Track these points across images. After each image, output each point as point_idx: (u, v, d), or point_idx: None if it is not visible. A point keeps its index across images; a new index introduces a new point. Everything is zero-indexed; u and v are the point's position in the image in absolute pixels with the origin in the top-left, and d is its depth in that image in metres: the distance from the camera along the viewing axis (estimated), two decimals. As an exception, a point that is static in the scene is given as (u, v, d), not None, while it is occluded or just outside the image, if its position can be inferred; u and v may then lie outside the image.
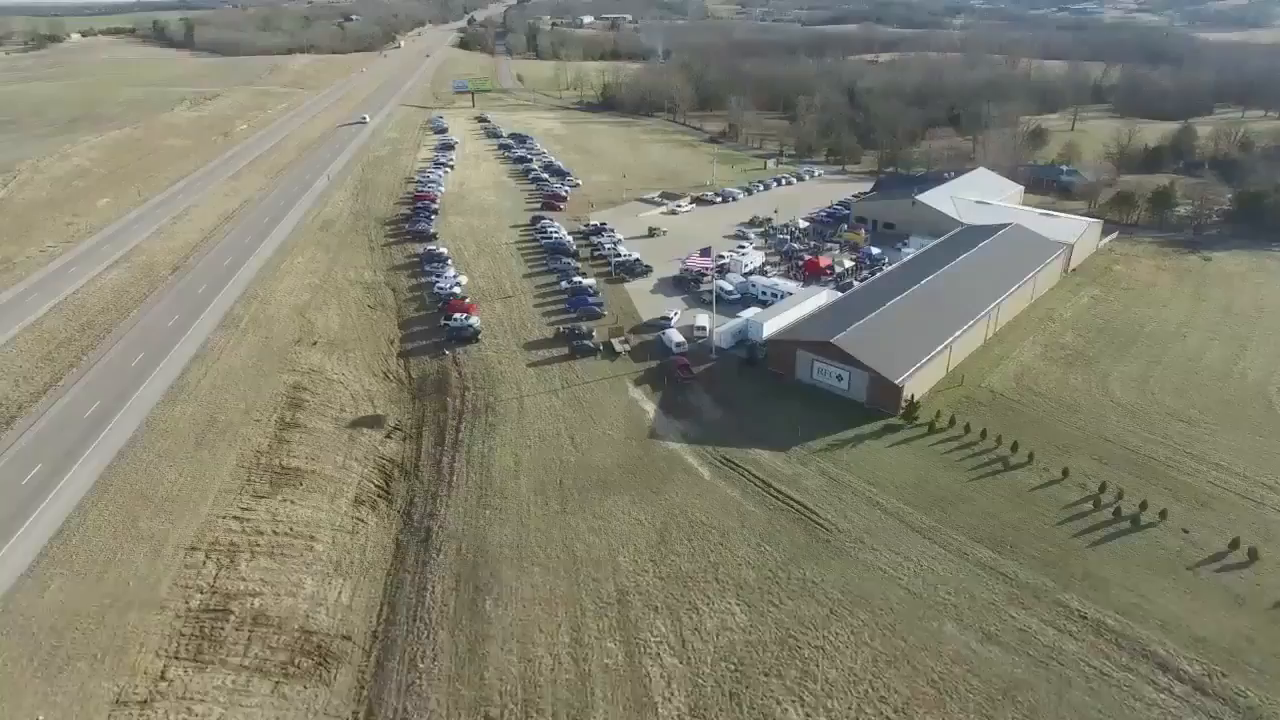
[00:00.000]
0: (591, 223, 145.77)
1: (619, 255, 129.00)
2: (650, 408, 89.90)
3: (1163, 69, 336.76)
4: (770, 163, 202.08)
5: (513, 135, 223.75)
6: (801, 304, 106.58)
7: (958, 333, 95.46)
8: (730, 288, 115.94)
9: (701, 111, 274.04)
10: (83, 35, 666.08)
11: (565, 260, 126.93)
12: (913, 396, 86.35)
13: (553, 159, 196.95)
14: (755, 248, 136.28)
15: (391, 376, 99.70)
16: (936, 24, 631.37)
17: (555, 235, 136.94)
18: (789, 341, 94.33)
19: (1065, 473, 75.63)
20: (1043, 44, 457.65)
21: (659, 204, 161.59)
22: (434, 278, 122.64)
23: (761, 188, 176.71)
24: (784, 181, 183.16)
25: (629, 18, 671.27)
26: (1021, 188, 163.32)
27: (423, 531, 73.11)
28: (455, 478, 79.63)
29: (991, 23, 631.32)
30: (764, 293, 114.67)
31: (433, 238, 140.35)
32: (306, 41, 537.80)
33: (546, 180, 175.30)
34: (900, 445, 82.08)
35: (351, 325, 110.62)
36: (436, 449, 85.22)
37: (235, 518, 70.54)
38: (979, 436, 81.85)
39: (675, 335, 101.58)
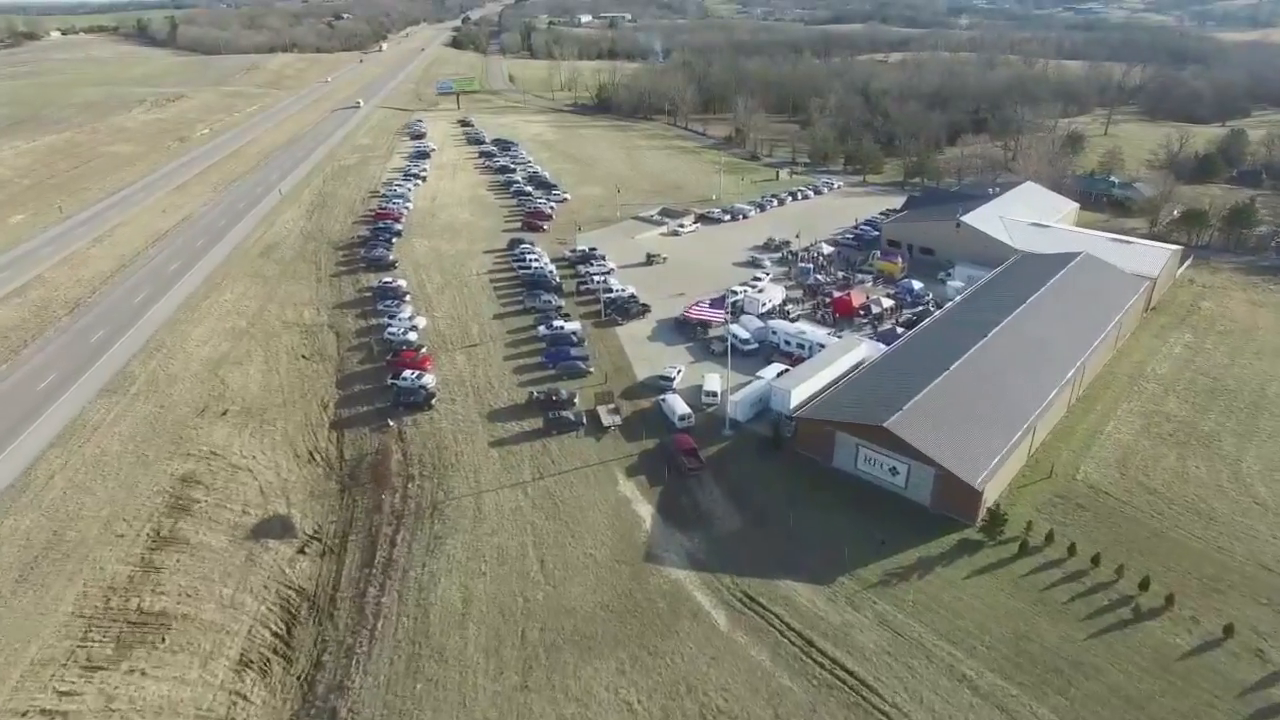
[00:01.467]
0: (578, 248, 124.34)
1: (610, 290, 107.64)
2: (646, 511, 68.53)
3: (1190, 70, 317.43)
4: (782, 173, 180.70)
5: (496, 141, 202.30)
6: (837, 361, 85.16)
7: (1042, 406, 74.20)
8: (746, 335, 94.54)
9: (704, 114, 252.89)
10: (63, 33, 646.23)
11: (545, 297, 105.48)
12: (997, 505, 64.90)
13: (538, 169, 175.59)
14: (772, 280, 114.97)
15: (318, 457, 78.24)
16: (942, 24, 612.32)
17: (535, 265, 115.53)
18: (827, 422, 72.83)
19: (1228, 631, 54.20)
20: (1055, 44, 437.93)
21: (658, 223, 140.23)
22: (387, 319, 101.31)
23: (775, 203, 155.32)
24: (799, 195, 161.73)
25: (628, 17, 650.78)
26: (1076, 205, 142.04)
27: (326, 717, 51.76)
28: (382, 623, 58.27)
29: (999, 23, 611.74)
30: (787, 342, 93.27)
31: (391, 266, 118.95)
32: (293, 40, 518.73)
33: (530, 195, 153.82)
34: (983, 574, 60.70)
35: (277, 384, 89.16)
36: (363, 573, 63.86)
37: (44, 712, 49.06)
38: (1090, 563, 60.55)
39: (678, 405, 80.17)
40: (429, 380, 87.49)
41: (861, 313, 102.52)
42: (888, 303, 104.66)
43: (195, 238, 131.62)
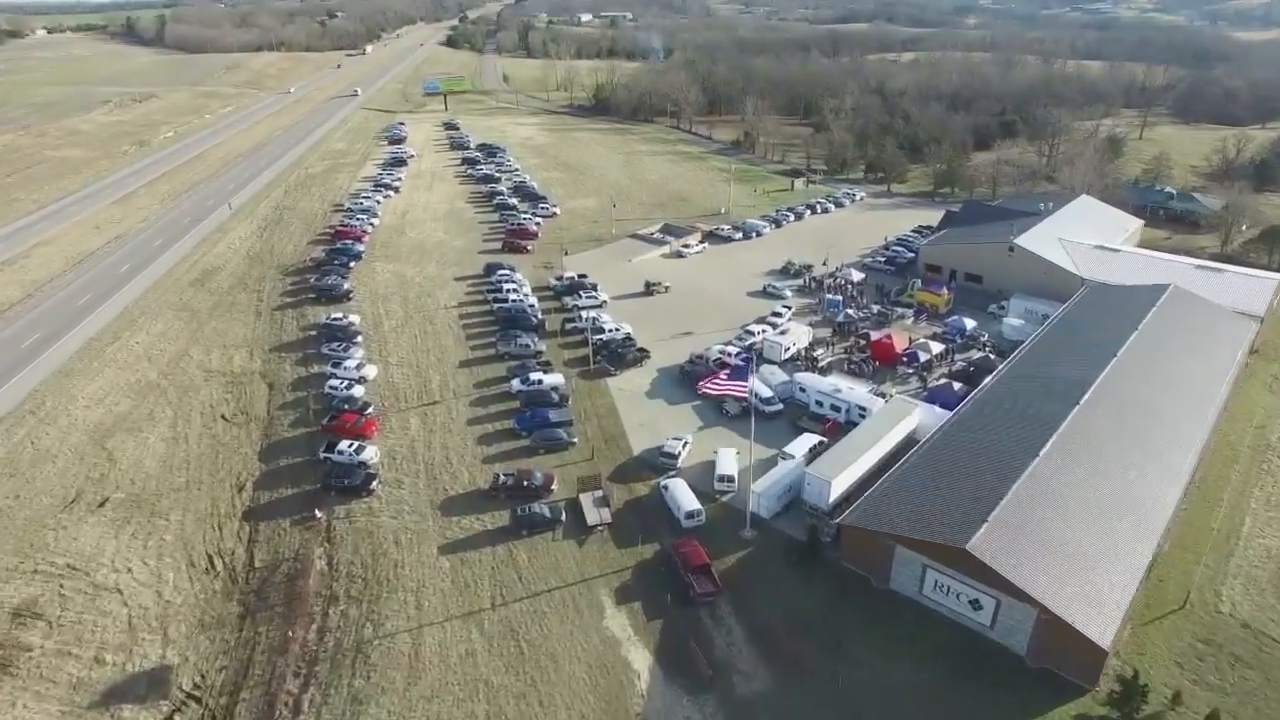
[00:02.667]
0: (565, 274, 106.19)
1: (602, 331, 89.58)
2: (641, 660, 50.59)
3: (1220, 70, 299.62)
4: (798, 182, 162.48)
5: (482, 147, 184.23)
6: (885, 434, 67.12)
7: (1171, 513, 56.17)
8: (768, 392, 76.41)
9: (709, 116, 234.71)
10: (49, 31, 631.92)
11: (523, 340, 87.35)
12: (1134, 673, 46.69)
13: (526, 178, 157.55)
14: (794, 315, 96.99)
15: (220, 565, 60.25)
16: (949, 23, 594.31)
17: (513, 297, 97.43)
18: (883, 534, 54.69)
19: None
20: (1069, 44, 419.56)
21: (659, 243, 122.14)
22: (330, 367, 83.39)
23: (791, 217, 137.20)
24: (818, 208, 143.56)
25: (629, 16, 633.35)
26: (1140, 222, 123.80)
27: None
28: None
29: (1010, 22, 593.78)
30: (819, 403, 75.26)
31: (345, 298, 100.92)
32: (280, 40, 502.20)
33: (514, 209, 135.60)
34: (1121, 779, 42.63)
35: (183, 458, 71.19)
36: (248, 758, 45.89)
37: None
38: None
39: (685, 497, 62.17)
40: (370, 455, 69.55)
41: (905, 360, 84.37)
42: (936, 347, 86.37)
43: (122, 261, 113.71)
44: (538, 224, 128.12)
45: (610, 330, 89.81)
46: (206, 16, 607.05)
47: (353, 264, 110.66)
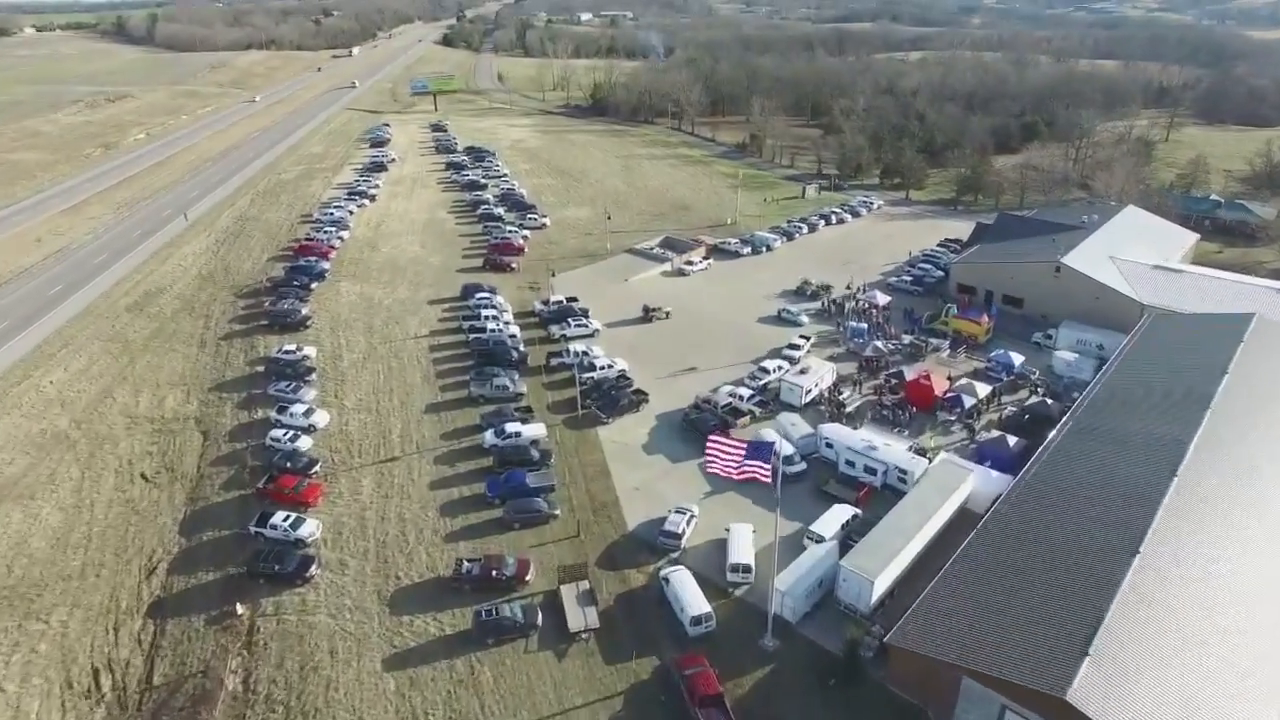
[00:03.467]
0: (553, 298, 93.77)
1: (593, 368, 77.33)
2: (636, 842, 38.29)
3: (1241, 68, 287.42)
4: (809, 189, 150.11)
5: (470, 150, 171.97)
6: (937, 509, 54.85)
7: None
8: (790, 449, 64.01)
9: (712, 117, 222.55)
10: (38, 30, 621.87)
11: (500, 381, 75.07)
12: None
13: (515, 185, 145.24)
14: (814, 345, 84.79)
15: (110, 685, 48.00)
16: (955, 22, 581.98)
17: (492, 328, 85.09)
18: (945, 663, 42.38)
19: None
20: (1077, 42, 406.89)
21: (659, 259, 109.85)
22: (274, 413, 71.26)
23: (804, 229, 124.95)
24: (833, 218, 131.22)
25: (629, 15, 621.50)
26: (1195, 237, 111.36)
27: None
28: None
29: (1015, 21, 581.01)
30: (851, 463, 63.00)
31: (303, 325, 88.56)
32: (270, 38, 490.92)
33: (499, 221, 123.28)
34: None
35: (83, 533, 58.98)
36: None
37: None
38: None
39: (691, 596, 49.92)
40: (310, 531, 57.33)
41: (947, 405, 72.08)
42: (982, 389, 74.04)
43: (56, 280, 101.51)
44: (525, 238, 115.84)
45: (602, 367, 77.54)
46: (198, 15, 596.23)
47: (315, 285, 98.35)
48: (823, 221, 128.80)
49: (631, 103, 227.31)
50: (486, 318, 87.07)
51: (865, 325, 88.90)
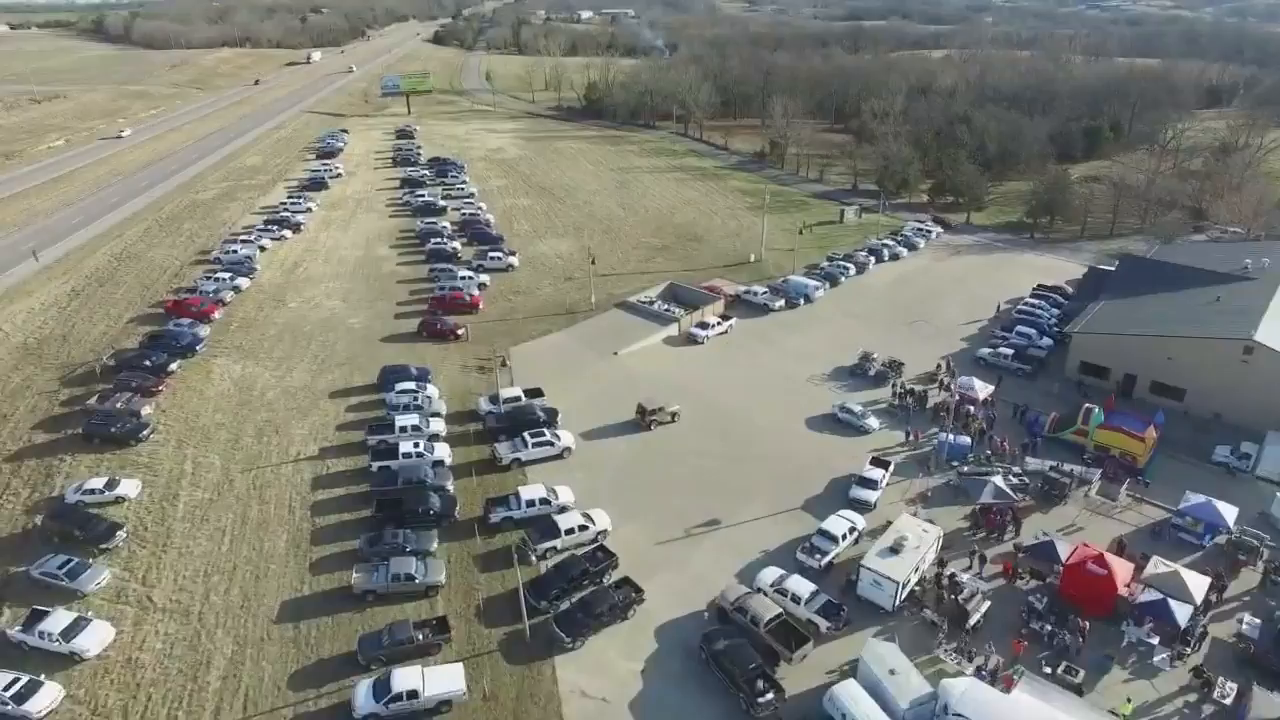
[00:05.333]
0: (506, 395, 64.16)
1: (554, 531, 48.50)
2: None
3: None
4: (849, 211, 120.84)
5: (434, 162, 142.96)
6: None
7: None
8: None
9: (723, 121, 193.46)
10: (12, 27, 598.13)
11: (404, 565, 46.06)
12: None
13: (481, 207, 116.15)
14: (893, 471, 55.95)
15: None
16: (966, 19, 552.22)
17: (409, 451, 55.86)
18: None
19: None
20: (1105, 41, 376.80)
21: (661, 317, 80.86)
22: (17, 629, 42.60)
23: (851, 269, 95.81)
24: (885, 252, 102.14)
25: (631, 13, 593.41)
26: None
27: None
28: None
29: (1034, 18, 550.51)
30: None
31: (136, 438, 59.43)
32: (247, 35, 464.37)
33: (451, 260, 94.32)
34: None
35: None
36: None
37: None
38: None
39: None
40: None
41: (1141, 617, 42.90)
42: (1197, 583, 44.59)
43: None
44: (482, 287, 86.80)
45: (569, 531, 48.64)
46: (179, 12, 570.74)
47: (175, 366, 69.39)
48: (873, 259, 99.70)
49: (630, 104, 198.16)
50: (404, 431, 58.07)
51: (967, 438, 59.94)
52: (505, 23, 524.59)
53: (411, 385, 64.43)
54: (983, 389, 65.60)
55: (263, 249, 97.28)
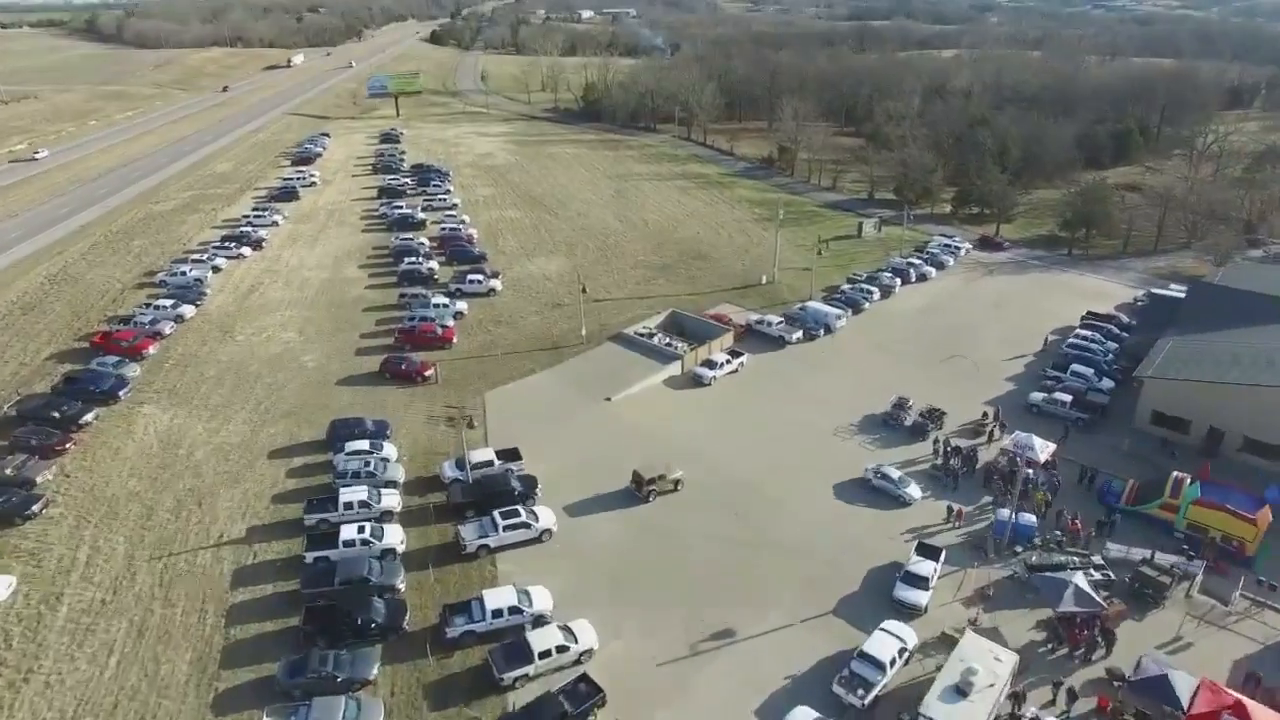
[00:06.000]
0: (475, 458, 53.51)
1: (524, 652, 38.08)
2: None
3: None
4: (868, 225, 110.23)
5: (417, 169, 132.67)
6: None
7: None
8: None
9: (728, 124, 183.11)
10: (4, 27, 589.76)
11: (340, 704, 35.66)
12: None
13: (464, 221, 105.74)
14: (945, 559, 45.53)
15: None
16: (971, 19, 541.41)
17: (350, 540, 45.45)
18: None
19: None
20: (1116, 40, 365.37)
21: (661, 353, 70.41)
22: None
23: (875, 293, 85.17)
24: (911, 273, 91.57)
25: (632, 12, 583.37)
26: None
27: None
28: None
29: (1039, 18, 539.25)
30: None
31: (23, 514, 48.90)
32: (247, 34, 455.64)
33: (425, 282, 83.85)
34: None
35: None
36: None
37: None
38: None
39: None
40: None
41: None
42: (1360, 737, 34.23)
43: None
44: (458, 316, 76.44)
45: (544, 654, 38.20)
46: (174, 11, 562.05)
47: (91, 415, 59.02)
48: (898, 280, 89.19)
49: (630, 106, 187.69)
50: (349, 508, 47.71)
51: (1032, 517, 49.51)
52: (504, 22, 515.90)
53: (364, 445, 54.07)
54: (1043, 448, 55.04)
55: (216, 270, 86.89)
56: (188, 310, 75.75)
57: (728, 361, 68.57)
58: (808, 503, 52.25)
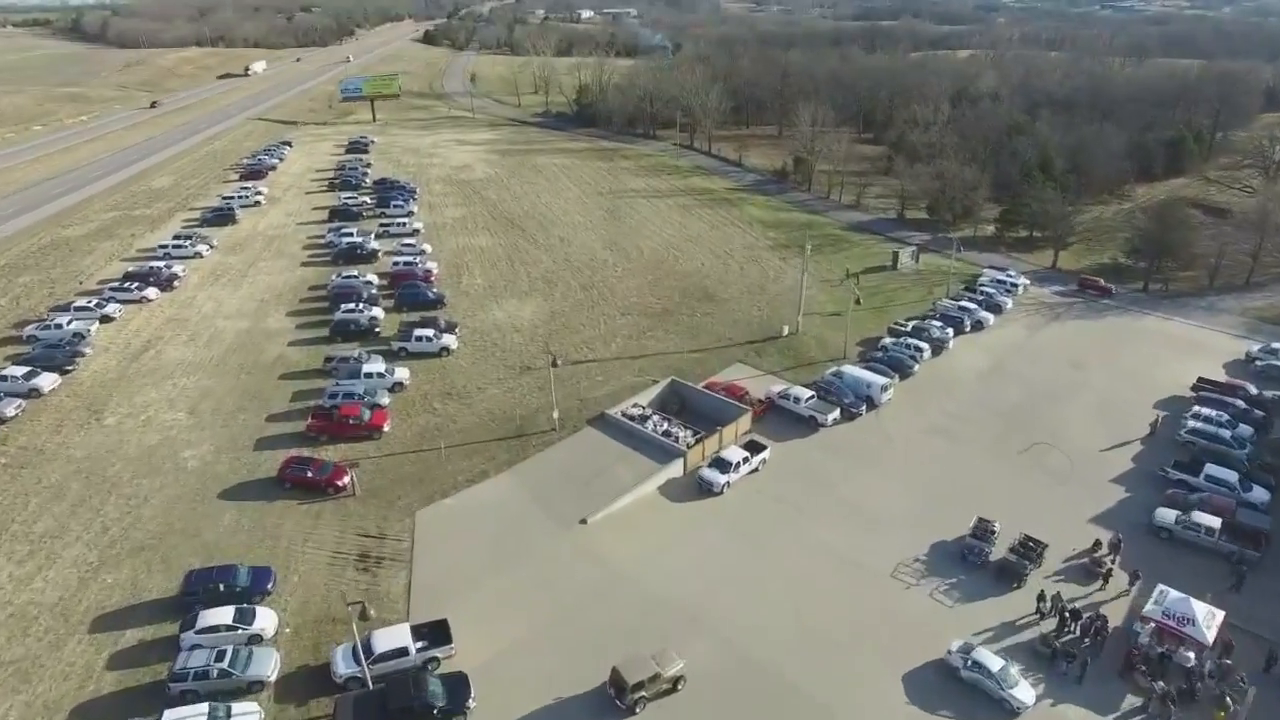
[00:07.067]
0: (383, 641, 36.52)
1: None
2: None
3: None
4: (904, 255, 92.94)
5: (380, 184, 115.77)
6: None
7: None
8: None
9: (735, 130, 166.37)
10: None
11: None
12: None
13: (424, 250, 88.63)
14: None
15: None
16: (979, 20, 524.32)
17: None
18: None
19: None
20: (1135, 41, 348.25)
21: (658, 447, 53.39)
22: None
23: (924, 350, 67.83)
24: (965, 321, 74.50)
25: (632, 12, 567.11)
26: None
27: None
28: None
29: (1046, 18, 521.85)
30: None
31: None
32: (230, 33, 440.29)
33: (356, 351, 66.25)
34: None
35: None
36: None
37: None
38: None
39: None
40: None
41: None
42: None
43: None
44: (395, 389, 59.52)
45: None
46: (161, 11, 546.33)
47: None
48: (949, 331, 72.15)
49: (627, 110, 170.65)
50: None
51: (1220, 754, 32.53)
52: (502, 23, 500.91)
53: (228, 615, 37.26)
54: (1208, 618, 38.10)
55: (106, 320, 70.05)
56: (46, 381, 58.77)
57: (745, 461, 51.55)
58: (868, 710, 35.38)
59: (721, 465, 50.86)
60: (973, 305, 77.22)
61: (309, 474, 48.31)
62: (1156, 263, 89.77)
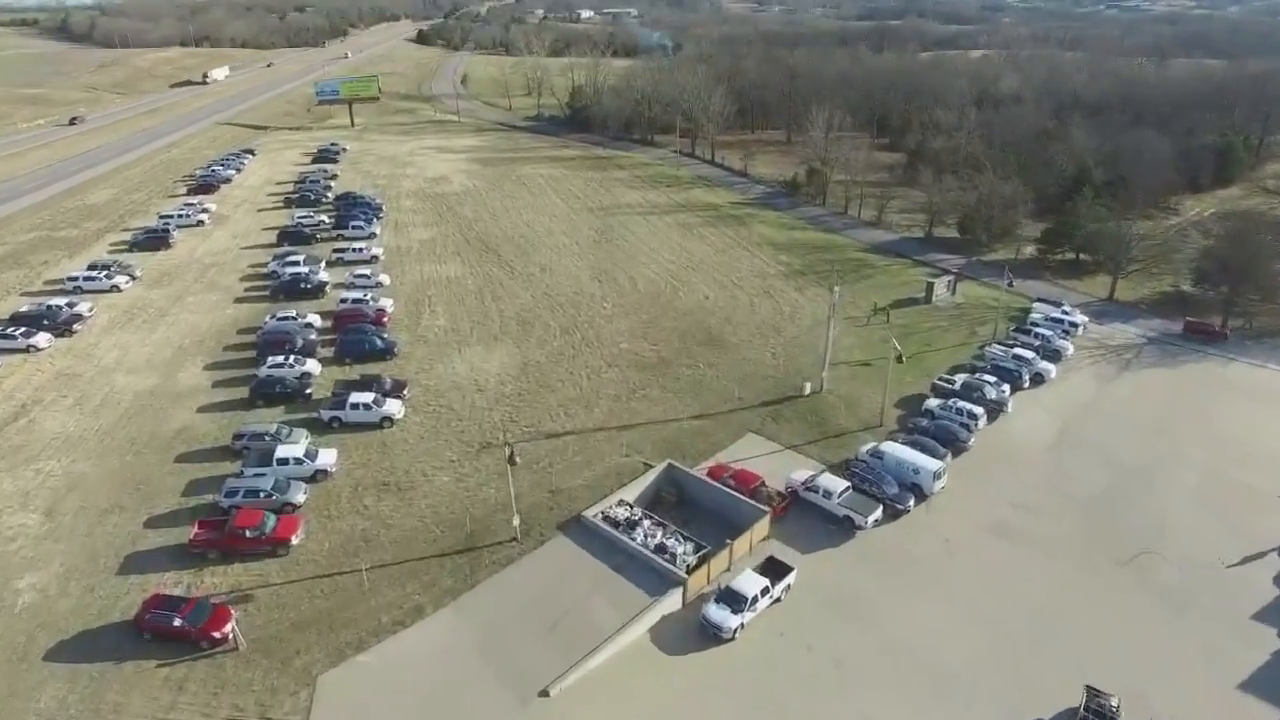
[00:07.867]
0: None
1: None
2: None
3: None
4: (940, 287, 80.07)
5: (342, 200, 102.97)
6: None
7: None
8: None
9: (741, 135, 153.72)
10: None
11: None
12: None
13: (378, 285, 76.04)
14: None
15: None
16: (985, 20, 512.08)
17: None
18: None
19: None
20: (1148, 41, 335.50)
21: (648, 567, 40.63)
22: None
23: (980, 416, 55.03)
24: (1024, 375, 61.65)
25: (633, 11, 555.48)
26: None
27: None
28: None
29: (1051, 18, 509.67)
30: None
31: None
32: (217, 34, 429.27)
33: (274, 428, 53.33)
34: None
35: None
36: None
37: None
38: None
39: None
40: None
41: None
42: None
43: None
44: (316, 478, 46.74)
45: None
46: (149, 10, 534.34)
47: None
48: (1007, 389, 59.25)
49: (624, 114, 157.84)
50: None
51: None
52: (499, 22, 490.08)
53: None
54: None
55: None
56: None
57: (765, 591, 38.71)
58: None
59: (734, 601, 38.01)
60: (1029, 353, 64.40)
61: (175, 622, 35.49)
62: (1234, 293, 77.10)
